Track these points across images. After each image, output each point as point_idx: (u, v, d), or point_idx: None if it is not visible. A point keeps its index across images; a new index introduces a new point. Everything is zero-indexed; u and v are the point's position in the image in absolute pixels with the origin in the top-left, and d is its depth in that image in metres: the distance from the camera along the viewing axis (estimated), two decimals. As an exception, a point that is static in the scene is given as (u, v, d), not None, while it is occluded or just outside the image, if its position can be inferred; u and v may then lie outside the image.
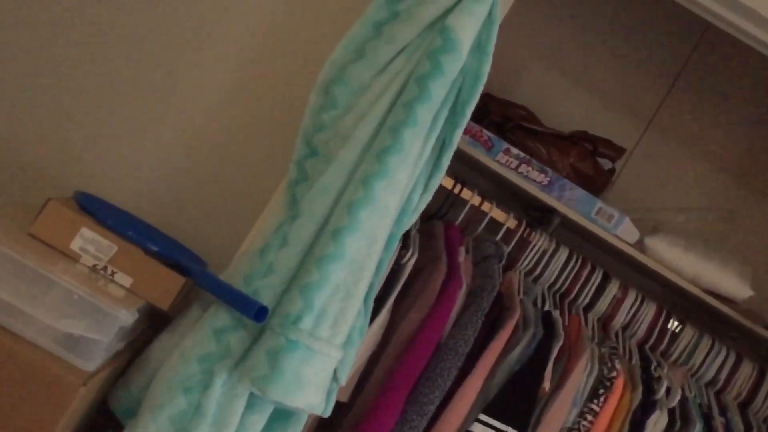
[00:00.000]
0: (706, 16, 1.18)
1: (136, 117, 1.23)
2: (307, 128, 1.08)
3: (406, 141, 1.03)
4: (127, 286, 1.02)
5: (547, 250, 1.39)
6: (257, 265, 1.03)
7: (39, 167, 1.22)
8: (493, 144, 1.37)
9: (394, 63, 1.06)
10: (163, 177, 1.24)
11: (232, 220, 1.24)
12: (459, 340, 1.27)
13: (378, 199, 1.02)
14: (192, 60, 1.24)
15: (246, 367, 0.98)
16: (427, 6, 1.05)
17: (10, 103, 1.21)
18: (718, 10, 1.15)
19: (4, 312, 0.92)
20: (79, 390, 0.93)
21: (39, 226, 1.00)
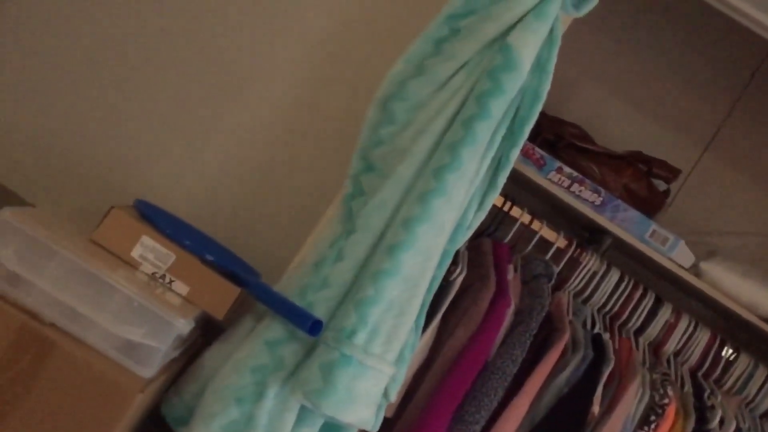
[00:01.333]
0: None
1: (195, 128, 1.25)
2: (364, 143, 1.09)
3: (464, 159, 1.02)
4: (183, 295, 1.04)
5: (598, 272, 1.36)
6: (312, 278, 1.04)
7: (101, 175, 1.25)
8: (545, 162, 1.36)
9: (454, 80, 1.06)
10: (219, 187, 1.25)
11: (286, 232, 1.25)
12: (506, 360, 1.25)
13: (434, 216, 1.02)
14: (251, 73, 1.26)
15: (299, 380, 0.99)
16: (488, 23, 1.05)
17: (75, 114, 1.24)
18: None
19: (67, 317, 0.95)
20: (137, 396, 0.94)
21: (101, 233, 1.02)
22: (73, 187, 1.24)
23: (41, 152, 1.24)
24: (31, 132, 1.25)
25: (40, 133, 1.25)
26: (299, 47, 1.27)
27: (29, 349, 0.92)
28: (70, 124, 1.25)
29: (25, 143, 1.24)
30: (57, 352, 0.92)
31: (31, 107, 1.24)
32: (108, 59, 1.25)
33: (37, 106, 1.24)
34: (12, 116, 1.24)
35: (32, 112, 1.24)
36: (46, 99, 1.25)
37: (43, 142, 1.25)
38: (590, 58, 1.51)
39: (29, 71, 1.25)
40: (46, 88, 1.25)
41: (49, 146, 1.25)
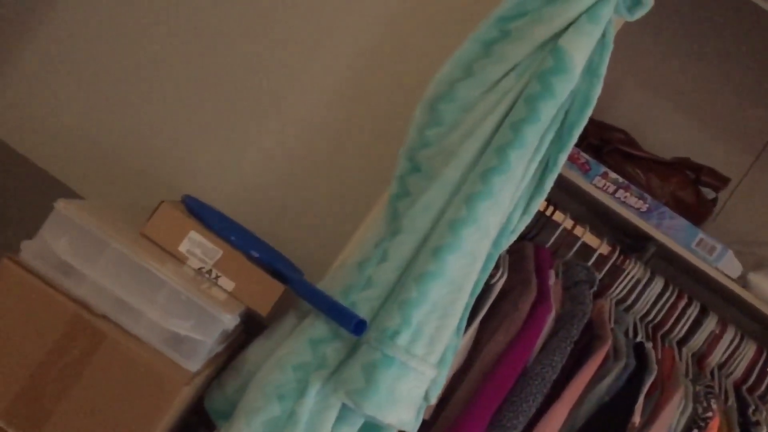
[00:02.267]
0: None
1: (242, 127, 1.26)
2: (411, 144, 1.08)
3: (511, 162, 1.01)
4: (229, 291, 1.05)
5: (641, 279, 1.34)
6: (356, 278, 1.04)
7: (149, 171, 1.27)
8: (590, 167, 1.34)
9: (503, 82, 1.05)
10: (264, 185, 1.26)
11: (329, 231, 1.25)
12: (546, 366, 1.24)
13: (480, 219, 1.01)
14: (299, 73, 1.27)
15: (341, 379, 0.99)
16: (539, 25, 1.04)
17: (126, 111, 1.27)
18: None
19: (117, 308, 0.96)
20: (182, 389, 0.95)
21: (151, 227, 1.04)
22: (121, 182, 1.26)
23: (93, 147, 1.27)
24: (85, 128, 1.27)
25: (93, 130, 1.27)
26: (347, 47, 1.27)
27: (80, 339, 0.94)
28: (121, 121, 1.27)
29: (78, 139, 1.27)
30: (107, 343, 0.94)
31: (86, 105, 1.27)
32: (158, 60, 1.27)
33: (91, 104, 1.27)
34: (67, 113, 1.27)
35: (86, 109, 1.27)
36: (99, 98, 1.27)
37: (95, 138, 1.27)
38: (638, 61, 1.48)
39: (84, 72, 1.28)
40: (100, 87, 1.27)
41: (101, 142, 1.27)
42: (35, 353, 0.94)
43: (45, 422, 0.94)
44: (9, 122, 1.27)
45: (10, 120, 1.27)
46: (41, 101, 1.27)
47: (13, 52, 1.27)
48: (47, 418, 0.94)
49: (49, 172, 1.25)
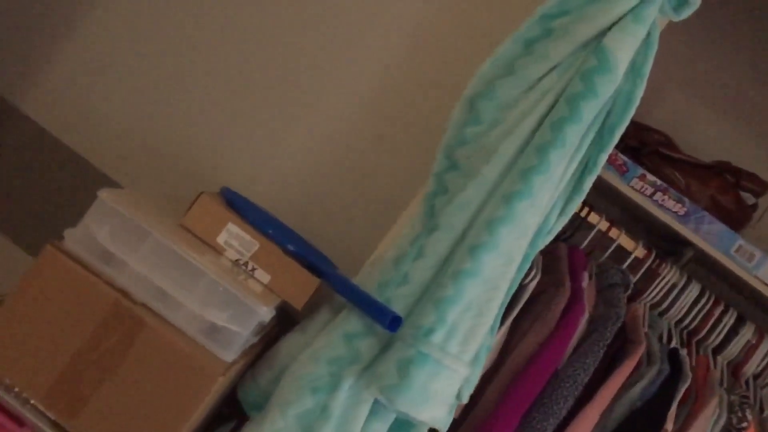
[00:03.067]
0: None
1: (280, 121, 1.27)
2: (449, 141, 1.08)
3: (552, 161, 1.01)
4: (264, 283, 1.05)
5: (677, 284, 1.32)
6: (391, 274, 1.04)
7: (187, 163, 1.28)
8: (628, 168, 1.32)
9: (544, 81, 1.04)
10: (300, 179, 1.27)
11: (364, 226, 1.26)
12: (578, 369, 1.22)
13: (519, 219, 1.00)
14: (337, 67, 1.27)
15: (375, 374, 0.99)
16: (583, 24, 1.03)
17: (166, 104, 1.28)
18: None
19: (156, 297, 0.97)
20: (218, 379, 0.96)
21: (190, 218, 1.05)
22: (160, 173, 1.28)
23: (134, 139, 1.29)
24: (126, 121, 1.29)
25: (134, 122, 1.29)
26: (385, 43, 1.27)
27: (120, 327, 0.96)
28: (161, 114, 1.29)
29: (120, 130, 1.29)
30: (146, 331, 0.95)
31: (128, 98, 1.29)
32: (200, 56, 1.28)
33: (133, 97, 1.29)
34: (109, 106, 1.29)
35: (128, 102, 1.29)
36: (141, 91, 1.29)
37: (136, 129, 1.29)
38: (679, 62, 1.45)
39: (127, 66, 1.30)
40: (142, 81, 1.29)
41: (142, 134, 1.29)
42: (75, 339, 0.96)
43: (83, 407, 0.96)
44: (54, 113, 1.29)
45: (56, 111, 1.29)
46: (85, 93, 1.29)
47: (58, 46, 1.30)
48: (85, 403, 0.96)
49: (90, 162, 1.28)
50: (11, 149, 1.29)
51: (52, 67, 1.29)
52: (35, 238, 1.30)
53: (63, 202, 1.29)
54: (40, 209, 1.29)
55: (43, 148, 1.28)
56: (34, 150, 1.29)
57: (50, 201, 1.29)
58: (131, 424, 0.95)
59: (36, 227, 1.30)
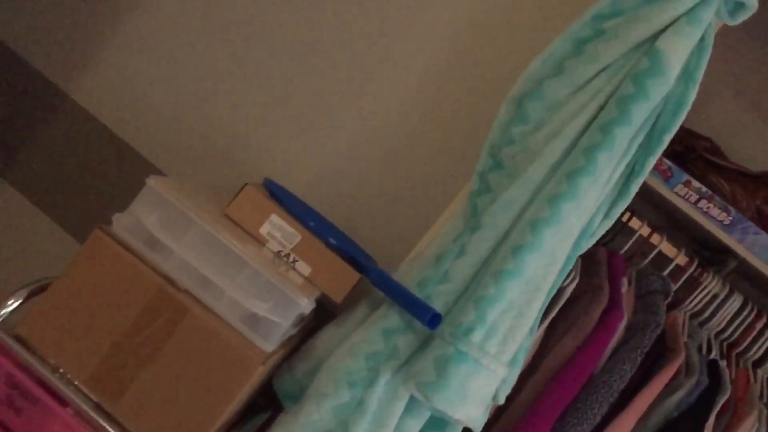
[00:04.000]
0: None
1: (324, 115, 1.27)
2: (494, 140, 1.07)
3: (599, 164, 0.99)
4: (305, 275, 1.06)
5: (719, 295, 1.29)
6: (432, 271, 1.03)
7: (230, 153, 1.29)
8: (672, 174, 1.30)
9: (594, 82, 1.03)
10: (342, 174, 1.27)
11: (403, 224, 1.25)
12: (615, 375, 1.21)
13: (563, 220, 0.99)
14: (383, 65, 1.27)
15: (413, 371, 0.99)
16: (636, 25, 1.01)
17: (211, 94, 1.29)
18: None
19: (200, 285, 0.98)
20: (258, 368, 0.97)
21: (234, 208, 1.06)
22: (203, 162, 1.29)
23: (178, 128, 1.30)
24: (172, 110, 1.31)
25: (179, 112, 1.31)
26: (430, 41, 1.26)
27: (163, 313, 0.97)
28: (207, 104, 1.30)
29: (165, 119, 1.31)
30: (189, 318, 0.97)
31: (174, 88, 1.31)
32: (247, 48, 1.29)
33: (180, 87, 1.30)
34: (156, 95, 1.31)
35: (175, 92, 1.31)
36: (188, 81, 1.30)
37: (181, 119, 1.31)
38: (730, 67, 1.42)
39: (175, 56, 1.31)
40: (189, 71, 1.30)
41: (187, 123, 1.30)
42: (119, 323, 0.97)
43: (125, 391, 0.97)
44: (102, 100, 1.31)
45: (104, 98, 1.31)
46: (133, 81, 1.31)
47: (109, 33, 1.32)
48: (127, 387, 0.97)
49: (135, 149, 1.29)
50: (59, 134, 1.32)
51: (102, 54, 1.31)
52: (81, 222, 1.32)
53: (108, 187, 1.31)
54: (85, 194, 1.32)
55: (90, 134, 1.31)
56: (82, 136, 1.31)
57: (95, 186, 1.31)
58: (171, 409, 0.97)
59: (81, 212, 1.32)
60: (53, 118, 1.32)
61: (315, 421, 1.00)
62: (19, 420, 0.99)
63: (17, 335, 0.98)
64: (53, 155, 1.32)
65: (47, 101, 1.31)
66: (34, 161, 1.33)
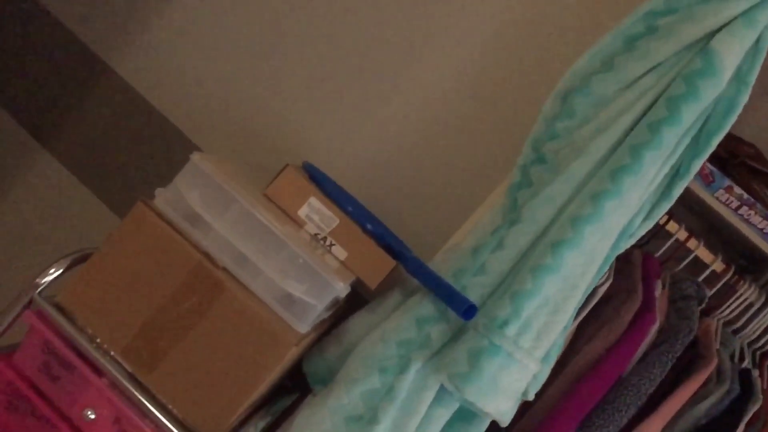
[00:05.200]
0: None
1: (365, 101, 1.27)
2: (538, 134, 1.06)
3: (645, 163, 0.98)
4: (341, 260, 1.06)
5: (754, 304, 1.27)
6: (469, 263, 1.03)
7: (269, 135, 1.29)
8: (714, 179, 1.27)
9: (644, 80, 1.02)
10: (380, 161, 1.27)
11: (439, 214, 1.25)
12: (644, 378, 1.20)
13: (605, 218, 0.98)
14: (426, 53, 1.26)
15: (445, 361, 0.99)
16: (690, 24, 0.99)
17: (255, 76, 1.29)
18: None
19: (237, 263, 0.99)
20: (292, 349, 0.97)
21: (274, 188, 1.06)
22: (242, 141, 1.29)
23: (220, 106, 1.30)
24: (215, 89, 1.31)
25: (222, 91, 1.31)
26: (481, 27, 1.24)
27: (200, 289, 0.98)
28: (249, 82, 1.30)
29: (208, 98, 1.31)
30: (225, 295, 0.97)
31: (217, 65, 1.31)
32: (290, 29, 1.29)
33: (223, 64, 1.31)
34: (198, 71, 1.31)
35: (217, 69, 1.31)
36: (232, 61, 1.30)
37: (223, 97, 1.31)
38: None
39: (220, 36, 1.31)
40: (234, 51, 1.30)
41: (228, 102, 1.30)
42: (157, 296, 0.98)
43: (159, 363, 0.98)
44: (145, 74, 1.32)
45: (146, 72, 1.32)
46: (176, 57, 1.31)
47: (155, 7, 1.32)
48: (161, 359, 0.98)
49: (175, 125, 1.30)
50: (102, 107, 1.33)
51: (147, 28, 1.32)
52: (118, 195, 1.34)
53: (146, 162, 1.32)
54: (123, 168, 1.33)
55: (131, 108, 1.32)
56: (123, 110, 1.32)
57: (134, 160, 1.32)
58: (203, 384, 0.97)
59: (119, 185, 1.33)
60: (96, 91, 1.33)
61: (344, 405, 1.01)
62: (54, 387, 1.00)
63: (57, 303, 0.99)
64: (94, 128, 1.33)
65: (91, 74, 1.32)
66: (76, 133, 1.34)
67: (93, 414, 0.98)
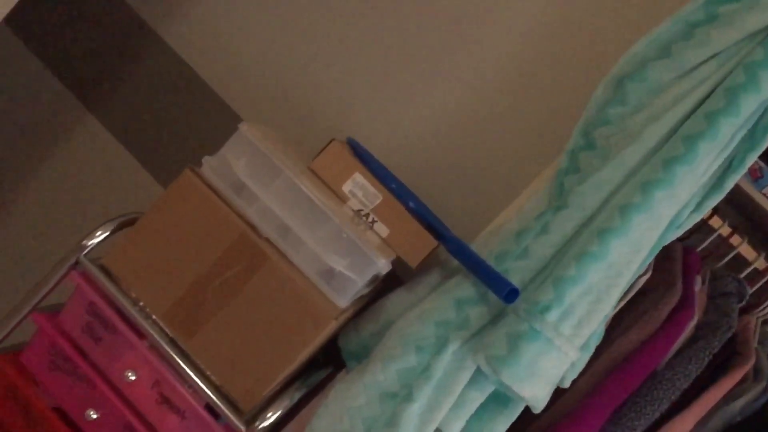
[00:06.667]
0: None
1: (411, 79, 1.25)
2: (589, 120, 1.04)
3: (699, 153, 0.96)
4: (383, 237, 1.06)
5: (796, 303, 1.25)
6: (512, 246, 1.02)
7: (313, 109, 1.29)
8: (762, 174, 1.25)
9: (702, 68, 0.99)
10: (423, 141, 1.26)
11: (480, 197, 1.23)
12: (679, 373, 1.18)
13: (654, 208, 0.97)
14: (476, 33, 1.24)
15: (483, 343, 0.98)
16: (753, 13, 0.96)
17: (302, 50, 1.28)
18: None
19: (281, 234, 0.99)
20: (331, 322, 0.97)
21: (319, 162, 1.06)
22: (286, 116, 1.28)
23: (266, 79, 1.30)
24: (261, 60, 1.30)
25: (268, 63, 1.30)
26: (533, 10, 1.22)
27: (243, 258, 0.98)
28: (296, 56, 1.29)
29: (254, 70, 1.30)
30: (267, 266, 0.97)
31: (265, 38, 1.30)
32: (339, 5, 1.27)
33: (271, 37, 1.30)
34: (246, 43, 1.30)
35: (265, 42, 1.30)
36: (280, 32, 1.29)
37: (269, 71, 1.30)
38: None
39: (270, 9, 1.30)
40: (282, 24, 1.29)
41: (275, 75, 1.29)
42: (200, 264, 0.99)
43: (199, 329, 0.99)
44: (193, 44, 1.32)
45: (195, 42, 1.32)
46: (225, 28, 1.31)
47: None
48: (201, 325, 0.99)
49: (220, 96, 1.30)
50: (148, 74, 1.33)
51: (202, 6, 1.31)
52: (161, 162, 1.34)
53: (189, 131, 1.32)
54: (167, 135, 1.33)
55: (177, 77, 1.32)
56: (169, 78, 1.32)
57: (177, 129, 1.33)
58: (241, 353, 0.98)
59: (162, 152, 1.34)
60: (145, 59, 1.33)
61: (379, 382, 1.01)
62: (97, 348, 1.02)
63: (102, 266, 1.01)
64: (140, 94, 1.34)
65: (139, 41, 1.33)
66: (123, 100, 1.35)
67: (133, 375, 1.00)
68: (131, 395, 1.01)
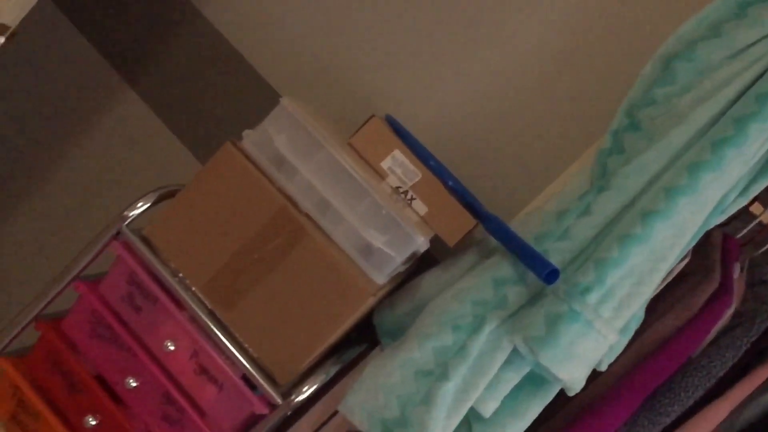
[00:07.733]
0: None
1: (452, 56, 1.24)
2: (634, 100, 1.02)
3: (750, 135, 0.94)
4: (421, 214, 1.05)
5: (837, 294, 1.22)
6: (552, 226, 1.01)
7: (351, 86, 1.28)
8: (808, 161, 1.22)
9: (754, 48, 0.96)
10: (463, 119, 1.24)
11: (518, 177, 1.22)
12: (715, 361, 1.17)
13: (701, 192, 0.95)
14: (515, 10, 1.22)
15: (521, 324, 0.98)
16: (811, -7, 0.94)
17: (343, 23, 1.27)
18: None
19: (320, 209, 0.99)
20: (368, 299, 0.98)
21: (359, 138, 1.05)
22: (324, 92, 1.28)
23: (304, 55, 1.29)
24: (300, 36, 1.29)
25: (308, 39, 1.28)
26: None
27: (282, 232, 0.98)
28: (335, 32, 1.28)
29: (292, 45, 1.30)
30: (306, 240, 0.97)
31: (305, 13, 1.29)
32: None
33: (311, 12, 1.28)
34: (285, 18, 1.29)
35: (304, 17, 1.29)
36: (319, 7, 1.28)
37: (307, 46, 1.29)
38: None
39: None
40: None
41: (313, 52, 1.28)
42: (239, 236, 0.99)
43: (237, 302, 1.00)
44: (232, 19, 1.31)
45: (234, 17, 1.31)
46: (266, 9, 1.30)
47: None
48: (240, 298, 1.00)
49: (258, 71, 1.30)
50: (188, 49, 1.33)
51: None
52: (198, 137, 1.35)
53: (227, 108, 1.32)
54: (205, 111, 1.34)
55: (216, 53, 1.32)
56: (208, 54, 1.32)
57: (216, 105, 1.33)
58: (279, 326, 0.99)
59: (200, 128, 1.35)
60: (185, 34, 1.33)
61: (415, 359, 1.01)
62: (137, 317, 1.03)
63: (143, 236, 1.02)
64: (179, 69, 1.34)
65: (181, 17, 1.33)
66: (162, 74, 1.35)
67: (173, 346, 1.01)
68: (170, 365, 1.02)
